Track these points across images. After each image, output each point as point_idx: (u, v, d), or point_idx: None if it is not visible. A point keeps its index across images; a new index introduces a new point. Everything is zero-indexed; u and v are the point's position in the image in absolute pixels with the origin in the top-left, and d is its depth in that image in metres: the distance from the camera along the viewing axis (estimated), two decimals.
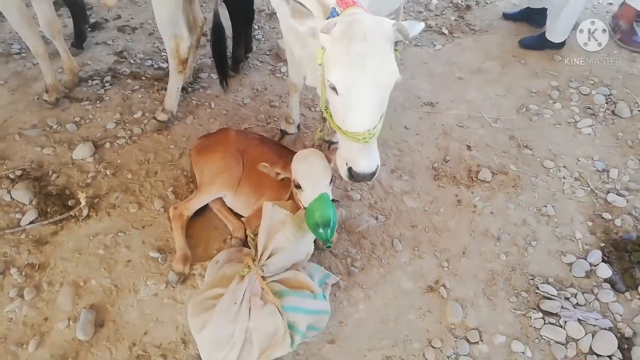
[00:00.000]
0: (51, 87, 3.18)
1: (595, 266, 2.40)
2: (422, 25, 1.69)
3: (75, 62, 3.34)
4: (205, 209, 2.55)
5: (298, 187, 2.01)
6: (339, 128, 1.72)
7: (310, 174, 1.98)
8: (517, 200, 2.72)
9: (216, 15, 2.87)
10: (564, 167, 2.91)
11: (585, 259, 2.43)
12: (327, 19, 1.67)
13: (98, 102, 3.28)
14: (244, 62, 3.57)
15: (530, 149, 3.02)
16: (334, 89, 1.62)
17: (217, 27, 2.93)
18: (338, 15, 1.66)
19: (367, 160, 1.73)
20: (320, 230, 1.88)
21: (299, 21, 1.66)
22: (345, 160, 1.79)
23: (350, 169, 1.78)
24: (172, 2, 2.66)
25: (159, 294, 2.25)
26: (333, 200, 1.98)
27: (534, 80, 3.57)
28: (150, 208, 2.61)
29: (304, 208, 2.00)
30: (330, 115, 1.78)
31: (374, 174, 1.78)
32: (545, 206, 2.68)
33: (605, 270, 2.37)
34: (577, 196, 2.74)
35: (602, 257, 2.43)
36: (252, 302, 1.93)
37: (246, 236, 2.42)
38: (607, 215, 2.63)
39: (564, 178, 2.84)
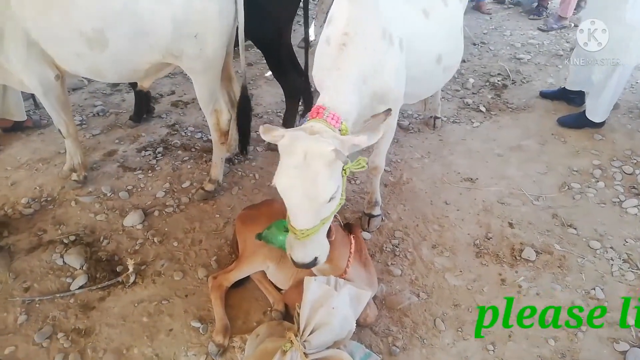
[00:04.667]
0: (79, 166, 3.28)
1: None
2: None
3: None
4: (245, 279, 2.57)
5: None
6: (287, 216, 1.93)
7: None
8: (563, 281, 2.64)
9: (244, 89, 3.07)
10: (611, 248, 2.83)
11: None
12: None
13: (150, 171, 3.46)
14: None
15: (575, 229, 2.97)
16: None
17: (244, 99, 3.12)
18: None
19: (301, 252, 1.91)
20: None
21: None
22: (289, 244, 1.98)
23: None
24: (211, 82, 2.90)
25: None
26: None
27: (575, 158, 3.57)
28: (194, 277, 2.67)
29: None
30: None
31: (310, 264, 1.94)
32: (594, 289, 2.59)
33: None
34: (627, 279, 2.65)
35: None
36: None
37: (286, 307, 2.43)
38: None
39: (612, 260, 2.76)
